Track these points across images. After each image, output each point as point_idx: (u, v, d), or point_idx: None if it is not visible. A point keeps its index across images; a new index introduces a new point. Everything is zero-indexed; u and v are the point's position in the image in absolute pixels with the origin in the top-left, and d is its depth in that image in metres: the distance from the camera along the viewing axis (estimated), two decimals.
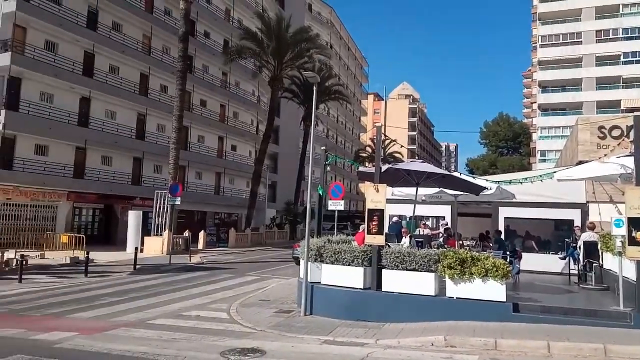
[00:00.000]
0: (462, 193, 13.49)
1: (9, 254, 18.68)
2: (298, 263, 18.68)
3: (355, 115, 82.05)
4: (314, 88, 11.76)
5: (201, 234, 30.89)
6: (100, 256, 22.03)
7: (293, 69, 38.81)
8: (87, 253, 18.27)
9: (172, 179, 27.10)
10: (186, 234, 28.05)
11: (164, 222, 27.13)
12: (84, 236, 24.74)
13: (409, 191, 13.48)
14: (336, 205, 14.56)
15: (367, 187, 10.66)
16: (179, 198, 23.23)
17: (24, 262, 16.07)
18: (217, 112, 42.49)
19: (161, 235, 26.60)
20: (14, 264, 17.37)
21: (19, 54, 26.45)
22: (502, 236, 13.90)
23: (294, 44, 36.63)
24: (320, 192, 12.07)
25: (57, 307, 11.22)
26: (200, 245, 29.97)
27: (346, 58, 75.68)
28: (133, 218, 27.05)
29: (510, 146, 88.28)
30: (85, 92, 30.32)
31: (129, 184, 33.17)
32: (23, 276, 15.30)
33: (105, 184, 31.11)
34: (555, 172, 12.32)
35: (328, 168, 13.09)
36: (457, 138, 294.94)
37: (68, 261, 20.24)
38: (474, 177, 14.01)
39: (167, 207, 26.79)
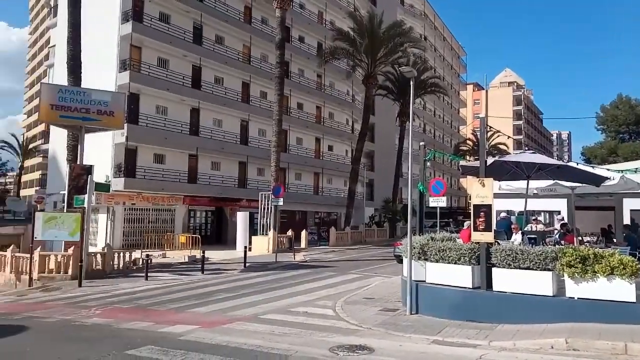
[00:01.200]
0: (580, 185, 12.35)
1: (136, 254, 20.82)
2: (400, 261, 18.50)
3: (453, 107, 79.01)
4: (411, 83, 11.51)
5: (303, 233, 31.81)
6: (214, 255, 23.61)
7: (387, 65, 38.44)
8: (203, 252, 19.71)
9: (274, 180, 28.26)
10: (289, 233, 29.06)
11: (268, 222, 28.37)
12: (199, 236, 26.82)
13: (518, 185, 12.66)
14: (438, 201, 14.19)
15: (471, 182, 10.20)
16: (282, 199, 24.16)
17: (149, 261, 17.75)
18: (314, 114, 43.49)
19: (266, 234, 27.84)
20: (140, 263, 19.29)
21: (136, 72, 29.35)
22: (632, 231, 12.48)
23: (387, 40, 36.24)
24: (421, 189, 11.77)
25: (178, 302, 12.24)
26: (303, 244, 30.87)
27: (442, 49, 73.20)
28: (241, 219, 28.65)
29: (633, 131, 78.83)
30: (195, 103, 32.76)
31: (236, 187, 35.22)
32: (148, 274, 16.90)
33: (216, 188, 33.34)
34: None
35: (428, 164, 12.73)
36: (570, 125, 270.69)
37: (186, 260, 22.01)
38: (592, 167, 12.76)
39: (271, 207, 27.99)
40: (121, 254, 19.65)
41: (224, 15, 34.63)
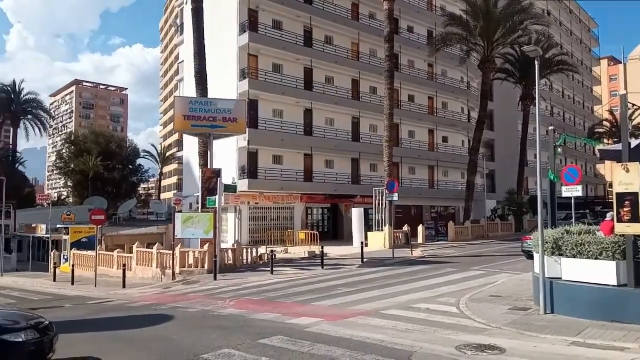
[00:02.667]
0: None
1: (261, 250, 22.18)
2: (529, 257, 17.22)
3: (584, 86, 71.17)
4: (536, 62, 10.59)
5: (420, 228, 31.17)
6: (331, 250, 24.19)
7: (505, 47, 35.98)
8: (322, 248, 20.33)
9: (388, 176, 28.06)
10: (405, 228, 28.66)
11: (383, 217, 28.28)
12: (317, 233, 27.72)
13: None
14: (572, 191, 12.89)
15: (612, 168, 9.09)
16: (396, 194, 23.90)
17: (273, 257, 18.78)
18: (426, 105, 42.32)
19: (382, 230, 27.78)
20: (265, 258, 20.50)
21: (254, 79, 31.20)
22: None
23: (505, 19, 33.85)
24: (552, 178, 10.78)
25: (302, 296, 12.77)
26: (420, 239, 30.25)
27: (568, 23, 66.39)
28: (356, 215, 29.01)
29: None
30: (308, 104, 33.89)
31: (349, 184, 35.71)
32: (273, 268, 17.89)
33: (330, 185, 34.16)
34: None
35: (559, 150, 11.61)
36: None
37: (306, 255, 22.88)
38: None
39: (385, 203, 27.86)
40: (248, 250, 21.10)
41: (333, 15, 35.27)
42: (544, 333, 8.03)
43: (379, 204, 28.75)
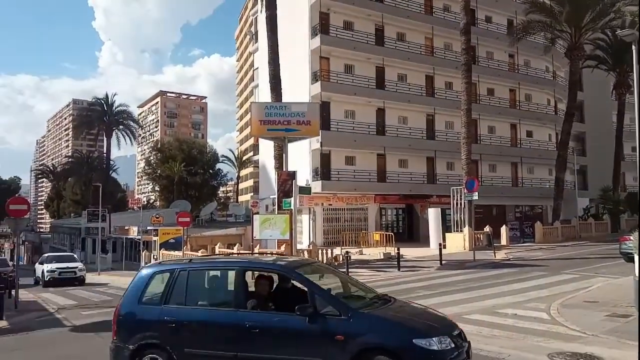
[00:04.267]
0: None
1: (336, 251, 22.15)
2: (629, 260, 15.66)
3: None
4: (633, 47, 9.55)
5: (503, 229, 29.52)
6: (407, 252, 23.59)
7: (595, 32, 33.17)
8: (398, 249, 19.89)
9: (466, 174, 26.87)
10: (487, 229, 27.29)
11: (462, 218, 27.14)
12: (392, 234, 27.22)
13: None
14: None
15: None
16: (476, 193, 22.80)
17: (349, 258, 18.66)
18: (507, 98, 40.12)
19: (461, 231, 26.67)
20: (340, 259, 20.44)
21: (326, 81, 31.35)
22: None
23: (594, 2, 31.15)
24: None
25: None
26: (503, 241, 28.63)
27: None
28: (433, 215, 28.09)
29: None
30: (380, 104, 33.45)
31: (425, 183, 34.71)
32: (349, 270, 17.74)
33: (404, 185, 33.43)
34: None
35: None
36: None
37: (382, 257, 22.52)
38: None
39: (464, 203, 26.71)
40: (324, 251, 21.17)
41: (405, 11, 34.58)
42: None
43: (457, 204, 27.64)
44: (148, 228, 33.66)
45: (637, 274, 9.14)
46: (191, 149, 68.33)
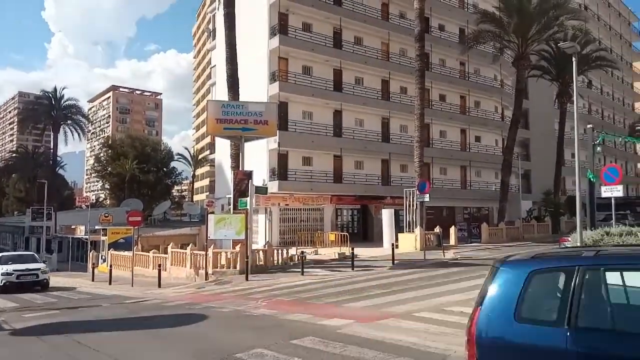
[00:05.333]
0: None
1: (291, 251, 22.30)
2: None
3: (625, 82, 68.52)
4: (574, 59, 10.29)
5: (452, 230, 30.66)
6: (362, 252, 24.08)
7: (540, 43, 35.06)
8: (353, 249, 20.28)
9: (419, 176, 27.71)
10: (437, 229, 28.26)
11: (414, 219, 27.98)
12: (347, 234, 27.67)
13: None
14: (612, 191, 12.40)
15: None
16: (428, 195, 23.58)
17: (304, 258, 18.86)
18: (457, 104, 41.66)
19: (413, 231, 27.48)
20: (296, 259, 20.60)
21: (284, 81, 31.44)
22: None
23: (539, 15, 32.97)
24: (591, 178, 10.44)
25: (333, 297, 12.75)
26: (452, 241, 29.75)
27: (607, 17, 64.10)
28: (386, 216, 28.76)
29: None
30: (337, 106, 33.90)
31: (379, 185, 35.49)
32: (304, 269, 17.96)
33: (360, 186, 34.05)
34: None
35: (598, 149, 11.23)
36: None
37: (336, 256, 22.87)
38: None
39: (416, 204, 27.55)
40: (279, 251, 21.26)
41: (363, 15, 35.21)
42: None
43: (409, 205, 28.46)
44: (96, 227, 32.57)
45: None
46: (144, 146, 66.47)
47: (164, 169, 68.81)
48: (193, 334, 9.32)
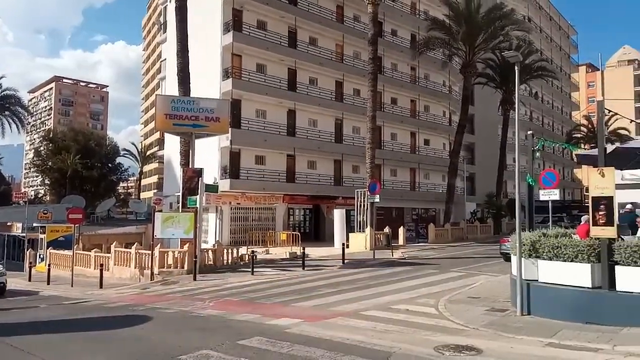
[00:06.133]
0: None
1: (242, 250, 22.05)
2: (506, 259, 17.46)
3: (563, 92, 72.64)
4: (516, 68, 10.77)
5: (400, 230, 31.32)
6: (313, 251, 24.17)
7: (487, 52, 36.52)
8: (303, 249, 20.33)
9: (370, 177, 28.15)
10: (386, 230, 28.82)
11: (365, 219, 28.39)
12: (299, 234, 27.70)
13: None
14: (549, 194, 13.14)
15: (589, 172, 9.30)
16: (378, 196, 24.01)
17: (254, 258, 18.70)
18: (408, 108, 42.67)
19: (363, 231, 27.88)
20: (246, 259, 20.39)
21: (237, 79, 31.03)
22: None
23: (486, 25, 34.37)
24: (530, 182, 10.98)
25: (283, 296, 12.73)
26: (400, 241, 30.40)
27: (548, 29, 67.69)
28: (338, 216, 29.05)
29: None
30: (291, 105, 33.85)
31: (332, 185, 35.77)
32: (254, 269, 17.82)
33: (312, 186, 34.16)
34: None
35: (537, 154, 11.84)
36: None
37: (287, 256, 22.83)
38: None
39: (367, 204, 27.98)
40: (229, 250, 20.95)
41: (317, 16, 35.33)
42: (520, 334, 8.16)
43: (360, 205, 28.84)
44: (34, 225, 30.83)
45: (513, 272, 10.33)
46: (88, 140, 63.71)
47: (109, 164, 66.28)
48: (135, 336, 9.01)
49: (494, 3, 40.38)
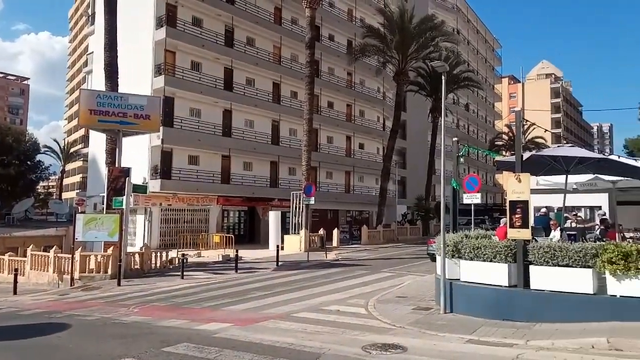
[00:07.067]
0: (622, 179, 11.86)
1: (172, 254, 21.32)
2: (433, 260, 18.22)
3: (487, 102, 77.21)
4: (443, 78, 11.30)
5: (335, 232, 31.77)
6: (247, 254, 23.89)
7: (418, 61, 37.96)
8: (237, 251, 20.02)
9: (306, 180, 28.35)
10: (321, 232, 29.10)
11: (300, 221, 28.50)
12: (232, 236, 27.25)
13: (557, 180, 12.26)
14: (472, 198, 13.88)
15: (507, 178, 9.93)
16: (313, 198, 24.21)
17: (185, 261, 18.14)
18: (344, 112, 43.37)
19: (298, 233, 27.98)
20: (176, 262, 19.75)
21: (171, 76, 30.02)
22: None
23: (418, 35, 35.77)
24: (454, 186, 11.56)
25: (213, 300, 12.45)
26: (335, 243, 30.83)
27: (475, 42, 71.66)
28: (273, 218, 28.92)
29: None
30: (227, 105, 33.25)
31: (268, 187, 35.54)
32: (184, 273, 17.28)
33: (248, 188, 33.74)
34: None
35: (461, 160, 12.48)
36: (612, 117, 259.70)
37: (220, 259, 22.37)
38: (635, 160, 12.22)
39: (302, 207, 28.11)
40: (158, 254, 20.18)
41: (255, 17, 35.00)
42: (443, 332, 8.54)
43: (296, 207, 28.92)
44: None
45: (438, 272, 10.79)
46: (5, 135, 58.86)
47: (28, 162, 61.64)
48: (51, 345, 8.42)
49: (425, 14, 42.17)
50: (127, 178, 18.86)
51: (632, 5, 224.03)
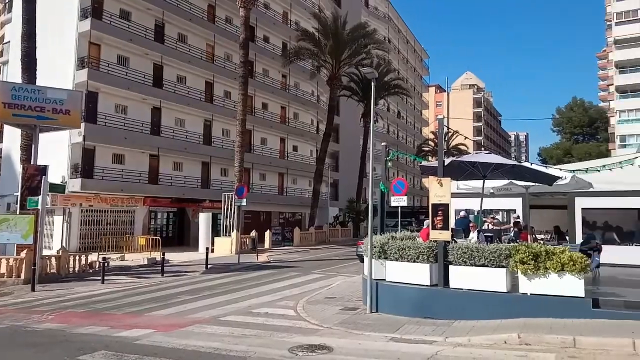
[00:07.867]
0: (533, 184, 12.83)
1: (92, 257, 20.16)
2: (362, 260, 18.61)
3: (416, 109, 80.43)
4: (372, 84, 11.64)
5: (267, 234, 31.65)
6: (175, 257, 23.16)
7: (351, 67, 38.77)
8: (163, 254, 19.30)
9: (238, 181, 27.98)
10: (253, 233, 28.85)
11: (232, 223, 28.08)
12: (159, 238, 26.29)
13: (475, 184, 13.01)
14: (399, 201, 14.42)
15: (430, 182, 10.42)
16: (245, 199, 23.93)
17: (106, 264, 17.24)
18: (278, 114, 43.33)
19: (230, 235, 27.54)
20: (97, 266, 18.71)
21: (95, 69, 28.44)
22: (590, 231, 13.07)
23: (351, 41, 36.55)
24: (383, 189, 11.95)
25: (136, 306, 11.94)
26: (267, 245, 30.70)
27: (405, 51, 74.36)
28: (203, 220, 28.26)
29: (587, 132, 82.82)
30: (156, 102, 32.02)
31: (199, 188, 34.64)
32: (105, 277, 16.42)
33: (178, 189, 32.68)
34: (637, 157, 11.38)
35: (389, 164, 12.93)
36: (528, 126, 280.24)
37: (146, 262, 21.47)
38: (546, 167, 13.29)
39: (234, 208, 27.71)
40: (77, 257, 18.99)
41: (187, 13, 34.03)
42: (368, 331, 8.78)
43: (228, 209, 28.46)
44: None
45: (365, 273, 11.07)
46: None
47: None
48: None
49: (358, 22, 43.21)
50: (43, 176, 17.61)
51: (539, 32, 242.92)
